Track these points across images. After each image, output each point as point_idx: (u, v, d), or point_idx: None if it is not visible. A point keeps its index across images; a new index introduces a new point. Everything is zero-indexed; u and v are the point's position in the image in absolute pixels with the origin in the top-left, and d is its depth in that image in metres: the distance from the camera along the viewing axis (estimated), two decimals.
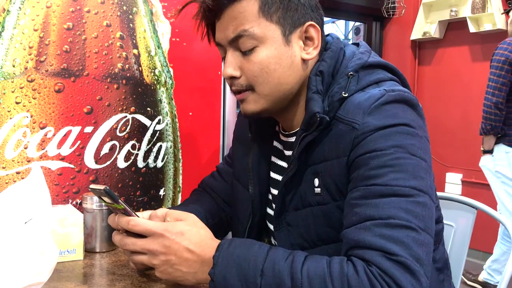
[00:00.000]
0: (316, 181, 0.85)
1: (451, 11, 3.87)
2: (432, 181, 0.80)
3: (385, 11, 4.24)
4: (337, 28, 5.95)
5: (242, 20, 0.84)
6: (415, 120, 0.81)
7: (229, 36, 0.86)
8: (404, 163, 0.76)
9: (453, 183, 4.01)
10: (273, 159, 1.01)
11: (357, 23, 4.77)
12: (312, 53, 0.88)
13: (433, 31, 4.05)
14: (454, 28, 4.02)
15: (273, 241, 0.99)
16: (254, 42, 0.84)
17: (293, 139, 0.92)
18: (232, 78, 0.88)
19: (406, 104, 0.82)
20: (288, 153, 0.96)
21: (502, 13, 3.48)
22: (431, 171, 0.81)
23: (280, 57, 0.85)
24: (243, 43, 0.85)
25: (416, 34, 4.14)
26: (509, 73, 2.65)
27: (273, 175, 1.00)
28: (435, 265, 0.94)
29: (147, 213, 0.87)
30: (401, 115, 0.80)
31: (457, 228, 1.19)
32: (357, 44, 0.95)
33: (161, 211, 0.85)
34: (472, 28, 3.71)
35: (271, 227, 0.97)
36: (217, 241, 0.78)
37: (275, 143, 1.01)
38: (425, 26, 4.12)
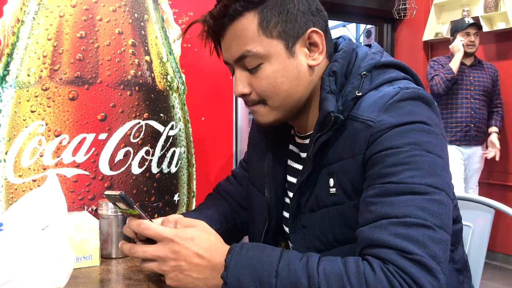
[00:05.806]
0: (331, 181, 0.85)
1: (463, 11, 3.84)
2: (449, 178, 0.79)
3: (396, 13, 4.22)
4: (348, 31, 5.92)
5: (244, 39, 0.85)
6: (431, 118, 0.81)
7: (234, 55, 0.87)
8: (420, 160, 0.75)
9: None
10: (289, 162, 1.00)
11: (368, 26, 4.75)
12: (318, 58, 0.88)
13: (446, 31, 4.02)
14: None
15: (290, 244, 0.99)
16: (259, 60, 0.85)
17: (308, 140, 0.92)
18: (243, 95, 0.90)
19: (422, 102, 0.81)
20: (304, 155, 0.96)
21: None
22: (448, 168, 0.80)
23: (286, 69, 0.86)
24: (248, 62, 0.86)
25: (428, 35, 4.12)
26: None
27: (289, 178, 1.00)
28: (454, 266, 0.93)
29: (160, 219, 0.88)
30: (417, 112, 0.80)
31: (475, 229, 1.17)
32: (369, 46, 0.95)
33: (173, 216, 0.85)
34: (485, 28, 3.67)
35: (287, 230, 0.97)
36: (227, 246, 0.78)
37: (291, 146, 1.01)
38: (437, 26, 4.09)
